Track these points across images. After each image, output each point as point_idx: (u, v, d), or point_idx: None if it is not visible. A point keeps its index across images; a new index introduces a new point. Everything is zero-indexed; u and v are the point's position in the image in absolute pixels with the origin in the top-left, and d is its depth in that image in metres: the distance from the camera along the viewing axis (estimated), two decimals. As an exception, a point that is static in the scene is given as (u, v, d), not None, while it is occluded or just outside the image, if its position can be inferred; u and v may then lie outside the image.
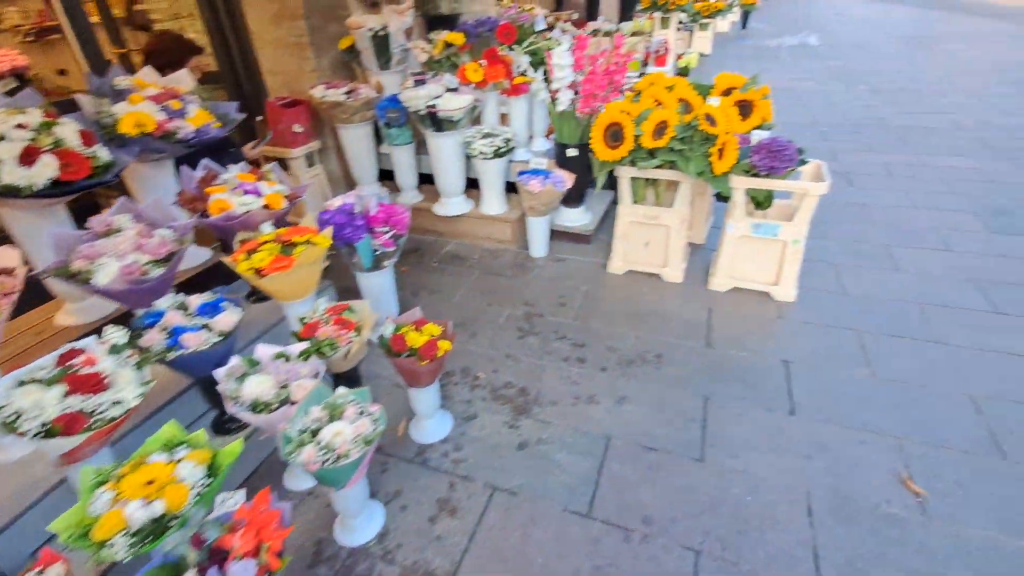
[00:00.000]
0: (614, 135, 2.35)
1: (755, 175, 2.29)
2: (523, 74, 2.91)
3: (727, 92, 2.66)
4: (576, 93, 2.70)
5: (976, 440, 1.76)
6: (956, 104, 5.87)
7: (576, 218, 3.16)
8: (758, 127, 2.53)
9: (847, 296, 2.55)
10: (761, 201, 2.43)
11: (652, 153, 2.34)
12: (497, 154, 2.86)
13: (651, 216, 2.63)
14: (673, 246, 2.66)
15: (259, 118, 2.99)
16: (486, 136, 2.90)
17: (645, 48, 6.80)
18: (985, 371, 2.06)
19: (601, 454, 1.79)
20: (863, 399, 1.95)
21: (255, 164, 2.44)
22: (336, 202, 2.10)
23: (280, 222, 1.85)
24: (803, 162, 2.20)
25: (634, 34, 6.98)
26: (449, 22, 3.10)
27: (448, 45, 2.91)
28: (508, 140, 2.92)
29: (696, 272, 2.81)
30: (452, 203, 3.16)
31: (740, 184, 2.32)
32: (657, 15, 6.59)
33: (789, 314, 2.44)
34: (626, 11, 7.05)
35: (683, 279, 2.75)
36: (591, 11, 7.37)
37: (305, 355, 1.50)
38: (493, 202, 3.09)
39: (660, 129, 2.27)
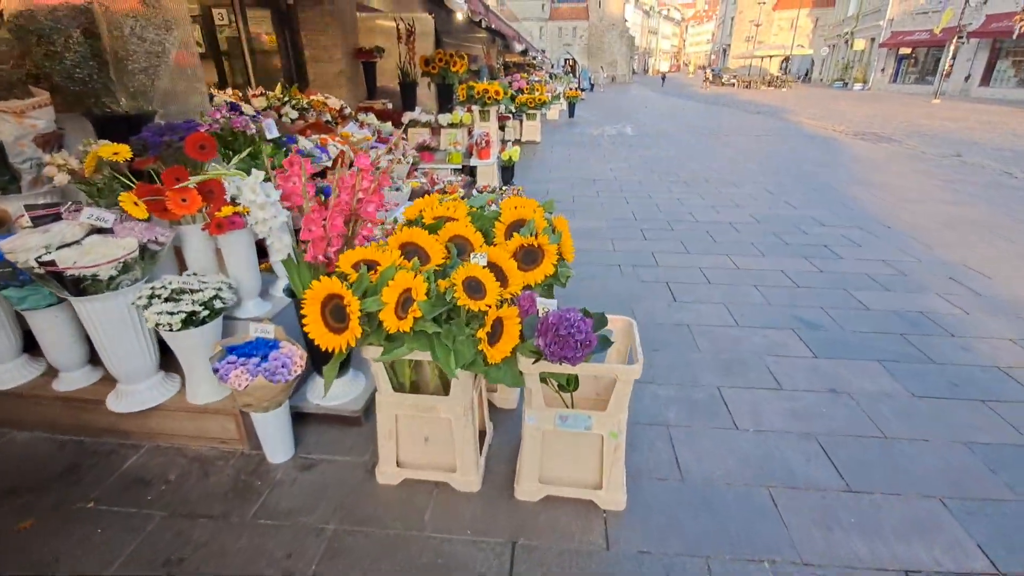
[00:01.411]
0: (336, 313, 1.52)
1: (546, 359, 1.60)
2: (234, 203, 2.01)
3: (514, 228, 2.04)
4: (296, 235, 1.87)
5: None
6: (749, 196, 6.31)
7: (340, 392, 2.25)
8: (551, 277, 1.90)
9: (686, 486, 1.95)
10: (566, 383, 1.76)
11: (393, 338, 1.54)
12: (191, 323, 1.87)
13: (425, 407, 1.82)
14: (461, 442, 1.86)
15: None
16: (176, 294, 1.90)
17: (471, 139, 6.48)
18: (864, 613, 1.51)
19: None
20: None
21: None
22: None
23: None
24: (607, 342, 1.57)
25: (452, 125, 6.62)
26: (132, 125, 2.13)
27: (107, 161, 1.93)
28: (216, 296, 1.95)
29: (502, 466, 2.03)
30: (134, 392, 2.05)
31: (530, 370, 1.62)
32: (475, 108, 6.28)
33: (620, 536, 1.73)
34: (445, 102, 6.68)
35: (481, 485, 1.94)
36: (407, 101, 6.94)
37: None
38: (201, 386, 2.05)
39: (407, 302, 1.49)
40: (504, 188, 5.11)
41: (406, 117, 6.57)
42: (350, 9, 6.39)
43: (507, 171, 6.70)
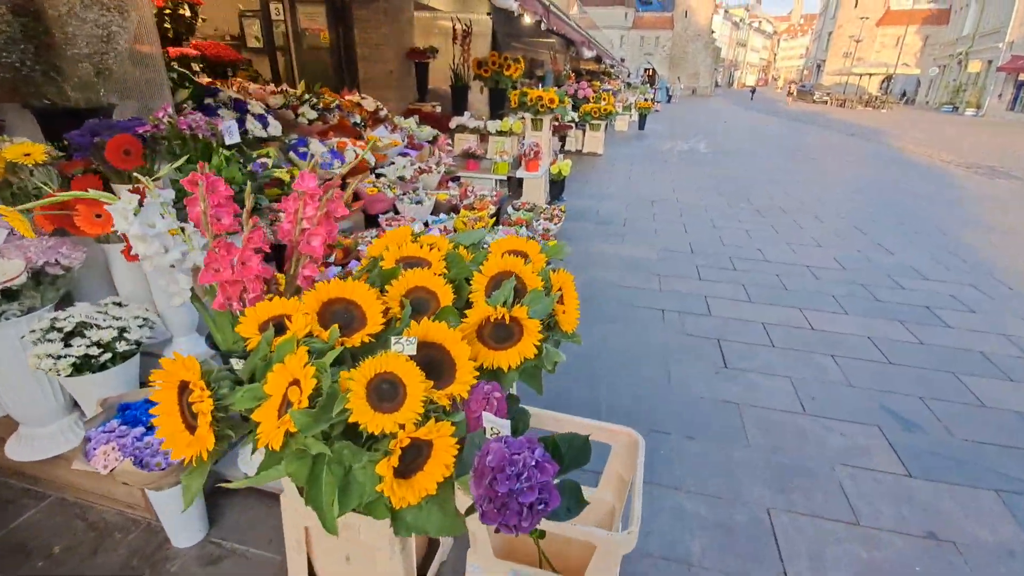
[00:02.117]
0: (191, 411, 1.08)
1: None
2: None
3: (495, 285, 1.53)
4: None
5: None
6: (835, 234, 5.41)
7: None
8: (533, 361, 1.38)
9: None
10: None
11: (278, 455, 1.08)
12: (88, 367, 1.52)
13: (341, 525, 1.34)
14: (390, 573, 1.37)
15: None
16: (81, 328, 1.55)
17: (520, 149, 6.02)
18: None
19: None
20: None
21: None
22: None
23: None
24: (577, 504, 1.03)
25: (501, 133, 6.18)
26: (83, 120, 1.82)
27: (13, 165, 1.61)
28: (121, 336, 1.59)
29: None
30: (37, 437, 1.72)
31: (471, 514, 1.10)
32: (527, 116, 5.81)
33: None
34: (497, 108, 6.26)
35: (415, 628, 1.44)
36: (457, 105, 6.59)
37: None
38: (105, 441, 1.69)
39: (287, 406, 1.02)
40: (543, 208, 4.60)
41: (454, 122, 6.20)
42: (407, 8, 6.13)
43: (556, 186, 6.18)
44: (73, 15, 1.74)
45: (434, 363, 1.16)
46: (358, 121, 4.15)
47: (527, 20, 6.48)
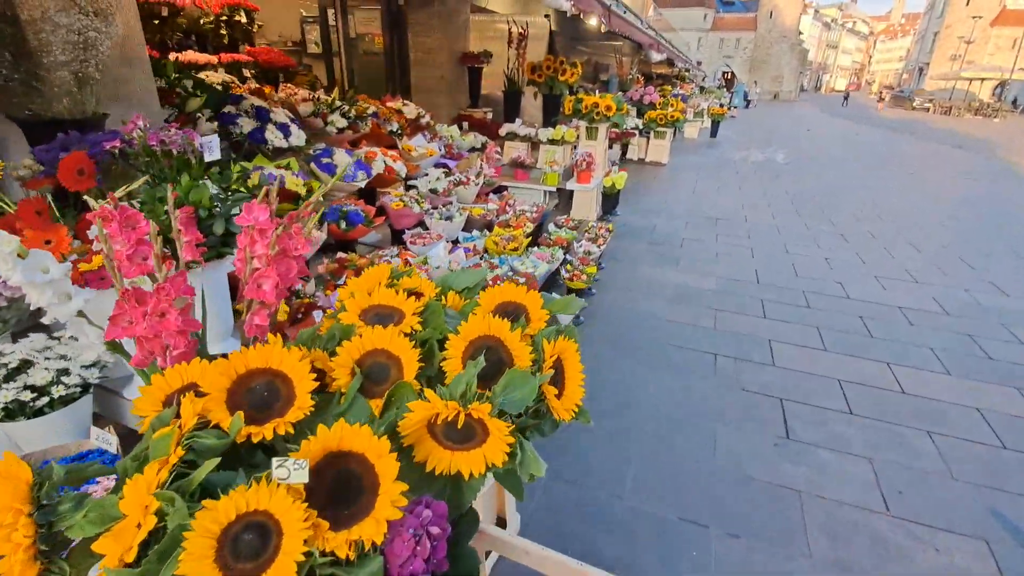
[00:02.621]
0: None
1: None
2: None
3: (478, 350, 1.21)
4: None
5: None
6: (935, 267, 4.62)
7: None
8: (502, 469, 1.04)
9: None
10: None
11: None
12: (23, 413, 1.35)
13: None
14: None
15: None
16: (24, 367, 1.39)
17: (573, 159, 5.63)
18: None
19: None
20: None
21: None
22: None
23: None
24: None
25: (553, 142, 5.83)
26: (65, 131, 1.68)
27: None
28: (59, 380, 1.41)
29: None
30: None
31: None
32: (582, 123, 5.43)
33: None
34: (551, 115, 5.93)
35: None
36: (510, 111, 6.31)
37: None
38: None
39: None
40: (589, 225, 4.21)
41: (504, 129, 5.93)
42: (462, 11, 5.93)
43: (609, 200, 5.75)
44: (47, 20, 1.59)
45: (347, 483, 0.85)
46: (394, 129, 3.95)
47: (590, 22, 6.10)
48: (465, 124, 5.92)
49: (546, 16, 6.31)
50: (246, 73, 4.68)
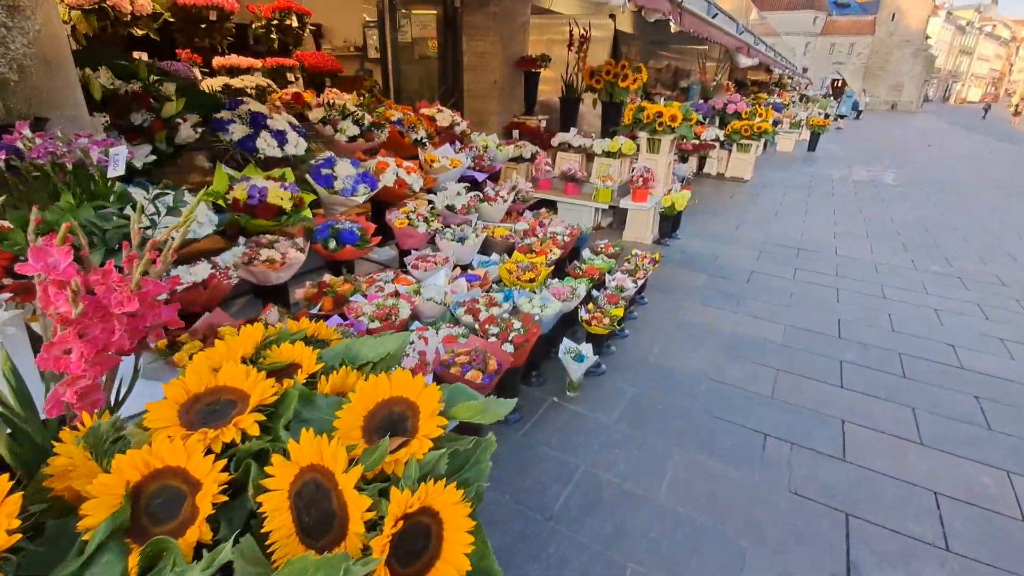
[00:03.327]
0: None
1: None
2: None
3: (302, 490, 0.78)
4: None
5: None
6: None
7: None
8: None
9: None
10: None
11: None
12: None
13: None
14: None
15: None
16: None
17: (633, 172, 5.04)
18: None
19: None
20: None
21: None
22: None
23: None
24: None
25: (608, 154, 5.28)
26: None
27: None
28: None
29: None
30: None
31: None
32: (642, 135, 4.86)
33: None
34: (610, 123, 5.39)
35: None
36: (566, 119, 5.83)
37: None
38: None
39: None
40: (633, 253, 3.64)
41: (557, 139, 5.47)
42: (520, 12, 5.55)
43: (668, 221, 5.09)
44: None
45: None
46: (420, 137, 3.63)
47: (651, 20, 5.48)
48: (516, 133, 5.54)
49: (611, 16, 5.77)
50: (290, 77, 4.60)
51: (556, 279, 3.05)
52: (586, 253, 3.58)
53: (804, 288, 4.17)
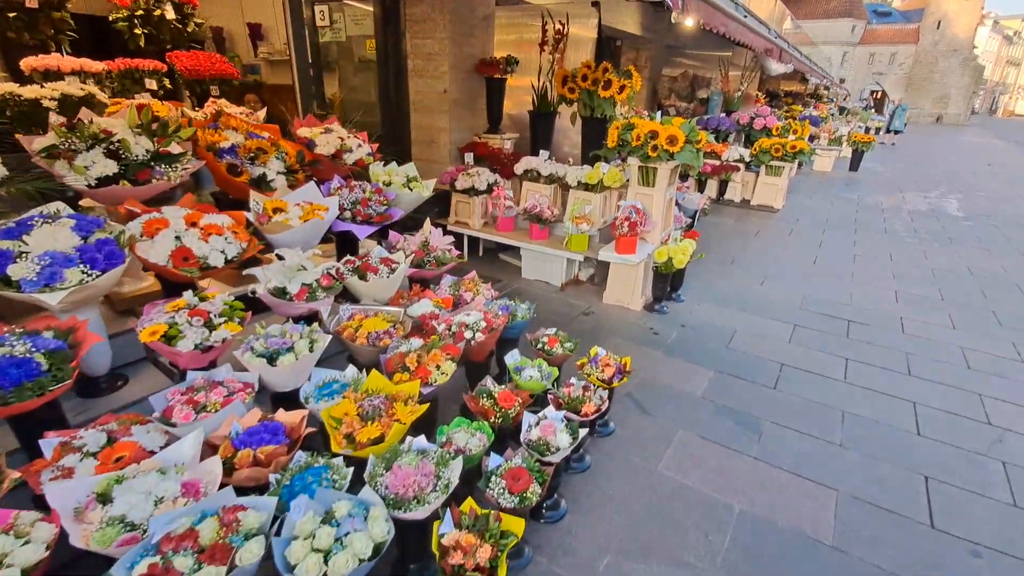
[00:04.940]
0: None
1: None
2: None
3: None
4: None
5: None
6: None
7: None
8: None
9: None
10: None
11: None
12: None
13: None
14: None
15: None
16: None
17: (618, 213, 3.66)
18: None
19: None
20: None
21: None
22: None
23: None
24: None
25: (587, 187, 3.96)
26: None
27: None
28: None
29: None
30: None
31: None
32: (632, 162, 3.55)
33: None
34: (592, 146, 4.07)
35: None
36: (538, 139, 4.54)
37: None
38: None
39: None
40: (598, 354, 2.30)
41: (521, 164, 4.18)
42: (479, 2, 4.29)
43: (664, 279, 3.72)
44: None
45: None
46: (267, 175, 2.38)
47: (678, 23, 4.14)
48: (468, 156, 4.27)
49: (594, 5, 4.48)
50: (150, 84, 3.44)
51: (450, 425, 1.73)
52: (512, 358, 2.25)
53: (861, 401, 2.75)
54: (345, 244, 2.72)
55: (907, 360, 3.19)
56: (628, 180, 3.84)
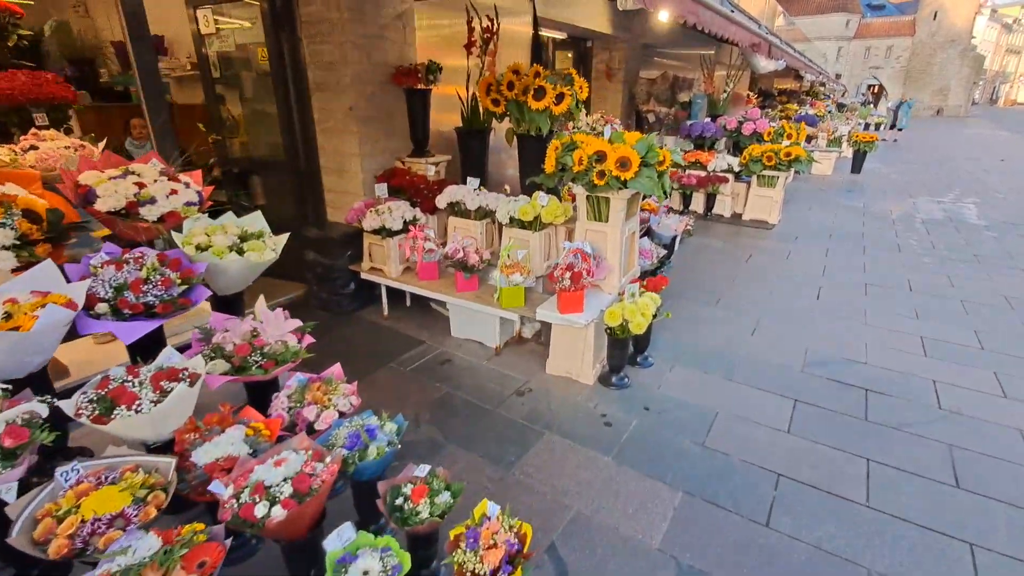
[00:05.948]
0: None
1: None
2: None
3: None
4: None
5: None
6: None
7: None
8: None
9: None
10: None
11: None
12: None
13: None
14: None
15: None
16: None
17: (561, 258, 2.77)
18: None
19: None
20: None
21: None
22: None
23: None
24: None
25: (522, 224, 3.13)
26: None
27: None
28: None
29: None
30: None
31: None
32: (579, 191, 2.70)
33: None
34: (530, 172, 3.21)
35: None
36: (468, 164, 3.71)
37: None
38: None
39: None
40: (482, 517, 1.45)
41: (443, 197, 3.34)
42: (392, -3, 3.48)
43: (623, 344, 2.85)
44: None
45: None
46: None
47: (651, 19, 3.31)
48: (381, 187, 3.43)
49: (528, -4, 3.64)
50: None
51: None
52: (340, 539, 1.40)
53: (892, 544, 1.88)
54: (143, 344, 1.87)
55: (951, 458, 2.32)
56: (575, 214, 3.01)
